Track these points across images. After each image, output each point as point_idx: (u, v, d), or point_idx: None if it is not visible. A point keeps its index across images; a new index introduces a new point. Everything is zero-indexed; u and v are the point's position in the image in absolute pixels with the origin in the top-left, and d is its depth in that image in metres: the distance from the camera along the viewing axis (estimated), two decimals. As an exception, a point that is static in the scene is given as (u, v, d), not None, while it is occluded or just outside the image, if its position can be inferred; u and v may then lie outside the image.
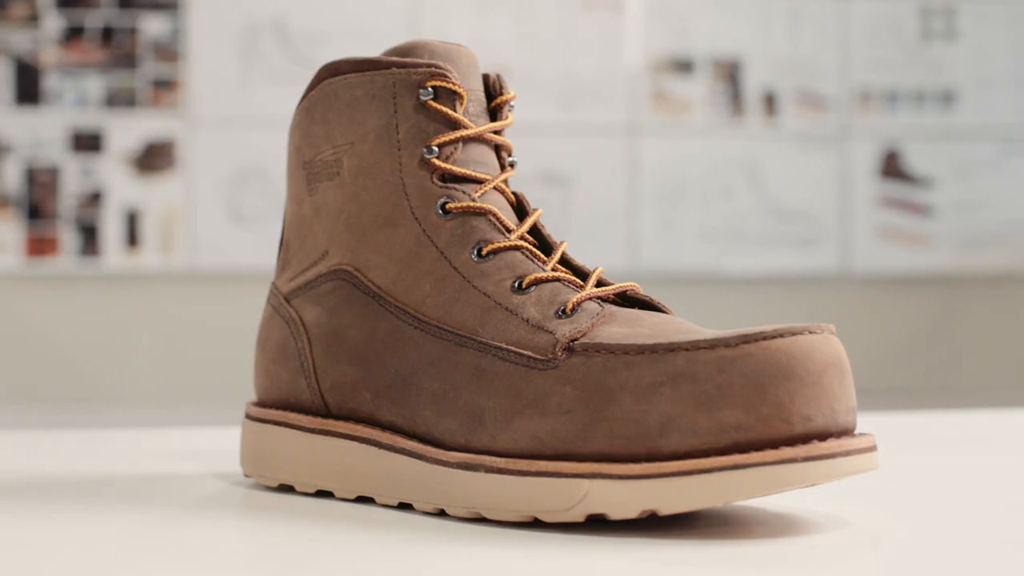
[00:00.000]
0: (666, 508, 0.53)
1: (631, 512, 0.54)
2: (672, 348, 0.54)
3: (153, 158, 3.20)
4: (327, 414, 0.65)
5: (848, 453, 0.54)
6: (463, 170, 0.64)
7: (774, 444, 0.53)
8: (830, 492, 0.66)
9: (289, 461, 0.66)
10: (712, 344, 0.54)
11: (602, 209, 3.43)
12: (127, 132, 3.20)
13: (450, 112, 0.64)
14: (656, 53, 3.49)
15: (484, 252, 0.62)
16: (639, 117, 3.47)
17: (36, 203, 3.17)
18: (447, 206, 0.63)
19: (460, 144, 0.64)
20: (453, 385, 0.59)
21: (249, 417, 0.69)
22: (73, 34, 3.19)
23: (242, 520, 0.59)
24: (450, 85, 0.64)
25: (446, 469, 0.59)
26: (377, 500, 0.62)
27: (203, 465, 0.76)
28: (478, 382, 0.58)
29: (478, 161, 0.65)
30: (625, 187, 3.45)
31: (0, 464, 0.77)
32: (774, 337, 0.54)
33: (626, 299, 0.62)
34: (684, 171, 3.47)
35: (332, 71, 0.66)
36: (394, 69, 0.64)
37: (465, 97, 0.64)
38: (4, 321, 3.18)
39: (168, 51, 3.22)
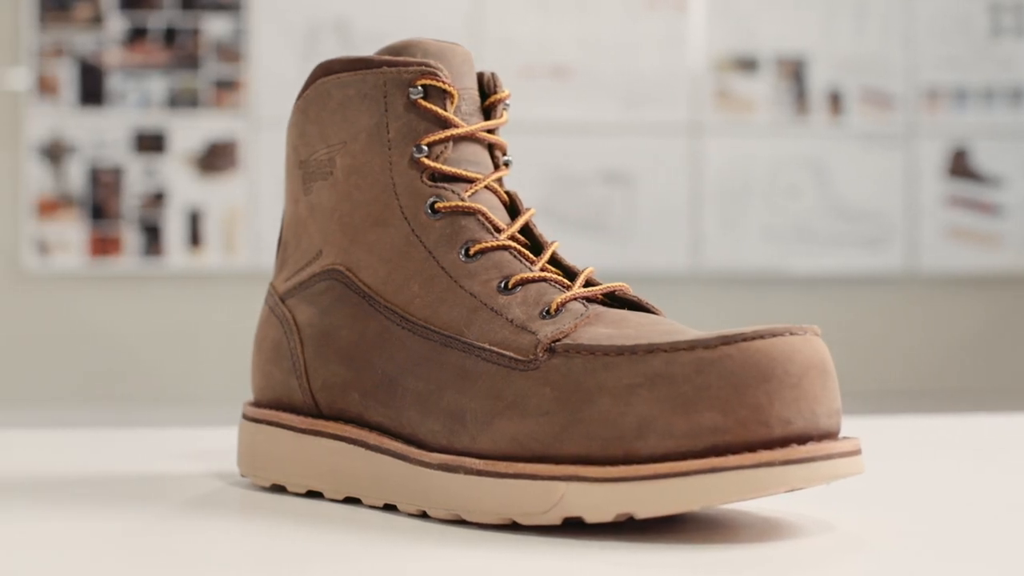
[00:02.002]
0: (642, 512, 0.52)
1: (607, 515, 0.53)
2: (651, 349, 0.54)
3: (215, 158, 3.23)
4: (318, 414, 0.65)
5: (829, 457, 0.52)
6: (453, 169, 0.63)
7: (752, 447, 0.52)
8: (819, 496, 0.65)
9: (281, 461, 0.66)
10: (691, 345, 0.53)
11: (665, 209, 3.41)
12: (190, 132, 3.22)
13: (440, 111, 0.63)
14: (719, 52, 3.47)
15: (472, 252, 0.61)
16: (702, 116, 3.45)
17: (100, 203, 3.20)
18: (436, 205, 0.62)
19: (450, 143, 0.64)
20: (437, 386, 0.59)
21: (245, 417, 0.69)
22: (136, 35, 3.22)
23: (227, 521, 0.59)
24: (440, 84, 0.63)
25: (428, 471, 0.58)
26: (364, 501, 0.62)
27: (212, 464, 0.76)
28: (461, 383, 0.58)
29: (470, 160, 0.64)
30: (688, 187, 3.44)
31: (3, 462, 0.78)
32: (754, 338, 0.53)
33: (615, 299, 0.62)
34: (748, 170, 3.45)
35: (326, 70, 0.66)
36: (385, 68, 0.64)
37: (456, 96, 0.64)
38: (68, 320, 3.21)
39: (230, 52, 3.24)
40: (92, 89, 3.20)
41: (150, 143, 3.22)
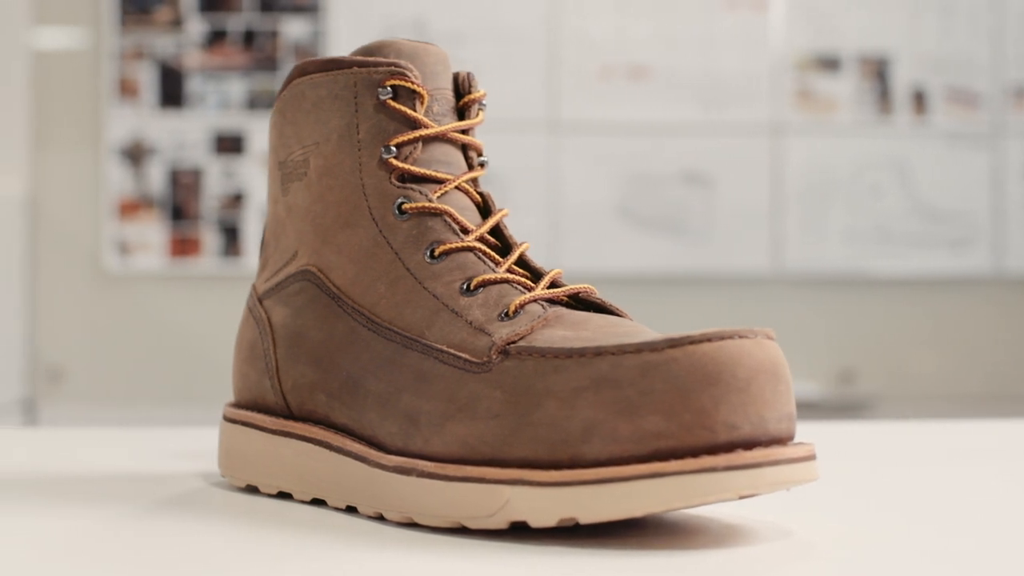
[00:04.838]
0: (584, 517, 0.52)
1: (550, 520, 0.52)
2: (599, 352, 0.53)
3: (293, 159, 3.25)
4: (289, 415, 0.65)
5: (776, 463, 0.51)
6: (422, 170, 0.63)
7: (695, 452, 0.51)
8: (781, 501, 0.63)
9: (254, 462, 0.66)
10: (638, 348, 0.52)
11: (745, 210, 3.38)
12: (268, 134, 3.25)
13: (409, 111, 0.63)
14: (801, 50, 3.43)
15: (437, 253, 0.61)
16: (783, 116, 3.42)
17: (180, 204, 3.23)
18: (403, 206, 0.62)
19: (420, 144, 0.63)
20: (396, 388, 0.58)
21: (224, 418, 0.69)
22: (216, 38, 3.25)
23: (193, 522, 0.59)
24: (409, 84, 0.63)
25: (384, 473, 0.58)
26: (328, 503, 0.62)
27: (204, 464, 0.76)
28: (418, 385, 0.57)
29: (441, 161, 0.64)
30: (769, 187, 3.40)
31: (7, 461, 0.79)
32: (701, 341, 0.52)
33: (581, 302, 0.61)
34: (830, 171, 3.41)
35: (301, 71, 0.66)
36: (355, 68, 0.63)
37: (426, 96, 0.63)
38: (148, 321, 3.25)
39: (309, 53, 3.26)
40: (172, 91, 3.24)
41: (229, 144, 3.24)
